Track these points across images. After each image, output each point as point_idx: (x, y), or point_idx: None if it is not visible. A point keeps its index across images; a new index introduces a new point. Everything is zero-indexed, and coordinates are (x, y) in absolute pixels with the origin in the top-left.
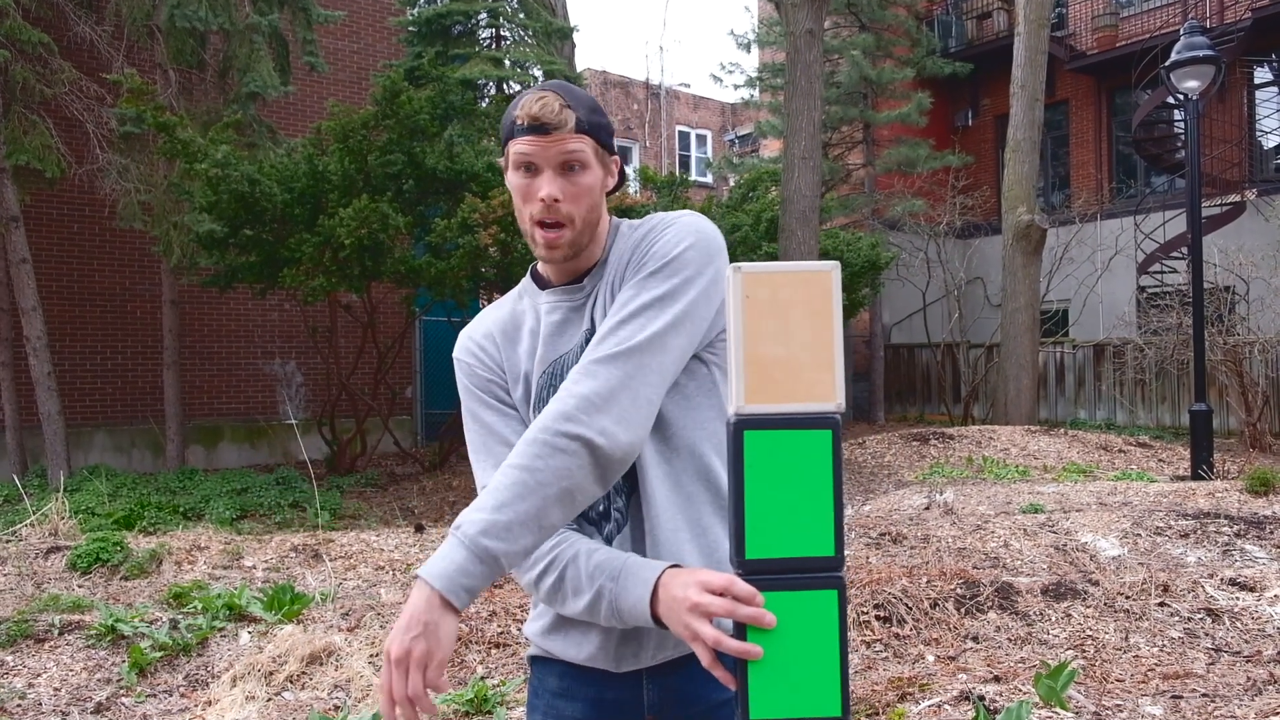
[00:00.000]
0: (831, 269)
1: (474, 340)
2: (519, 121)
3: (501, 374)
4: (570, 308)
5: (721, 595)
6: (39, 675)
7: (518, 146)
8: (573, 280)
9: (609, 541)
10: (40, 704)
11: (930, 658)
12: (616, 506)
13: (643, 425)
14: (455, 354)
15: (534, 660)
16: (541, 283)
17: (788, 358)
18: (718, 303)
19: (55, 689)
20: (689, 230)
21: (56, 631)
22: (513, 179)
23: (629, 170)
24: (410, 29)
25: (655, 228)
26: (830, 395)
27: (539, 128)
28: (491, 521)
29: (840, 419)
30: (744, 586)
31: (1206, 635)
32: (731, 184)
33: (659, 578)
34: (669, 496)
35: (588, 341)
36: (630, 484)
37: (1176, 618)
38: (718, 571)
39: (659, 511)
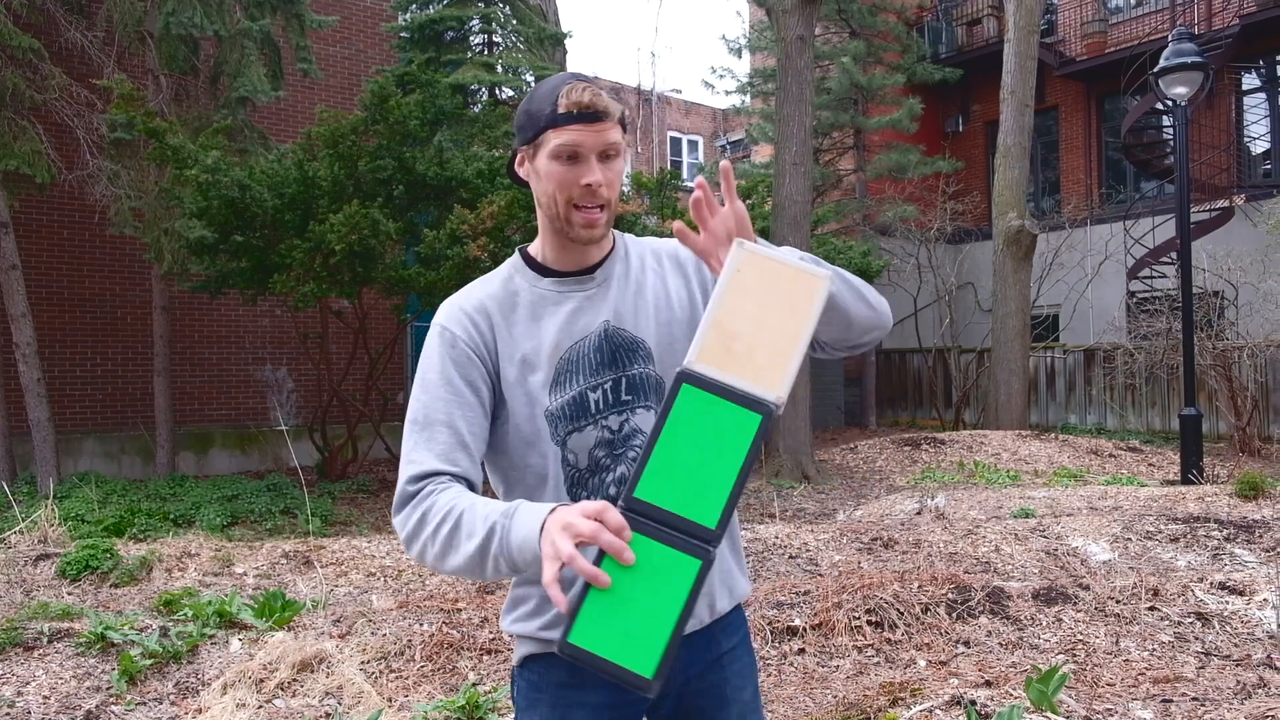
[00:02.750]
0: (825, 278)
1: (465, 313)
2: (564, 109)
3: (487, 354)
4: (584, 296)
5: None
6: (28, 683)
7: (563, 136)
8: (581, 270)
9: None
10: (29, 712)
11: (921, 662)
12: None
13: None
14: (440, 320)
15: (531, 659)
16: (539, 268)
17: (750, 337)
18: None
19: (44, 697)
20: None
21: (45, 639)
22: (550, 166)
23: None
24: (403, 35)
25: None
26: (775, 386)
27: (591, 116)
28: None
29: (775, 413)
30: (616, 516)
31: (1196, 639)
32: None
33: (551, 513)
34: None
35: (607, 329)
36: None
37: (1167, 622)
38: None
39: None
